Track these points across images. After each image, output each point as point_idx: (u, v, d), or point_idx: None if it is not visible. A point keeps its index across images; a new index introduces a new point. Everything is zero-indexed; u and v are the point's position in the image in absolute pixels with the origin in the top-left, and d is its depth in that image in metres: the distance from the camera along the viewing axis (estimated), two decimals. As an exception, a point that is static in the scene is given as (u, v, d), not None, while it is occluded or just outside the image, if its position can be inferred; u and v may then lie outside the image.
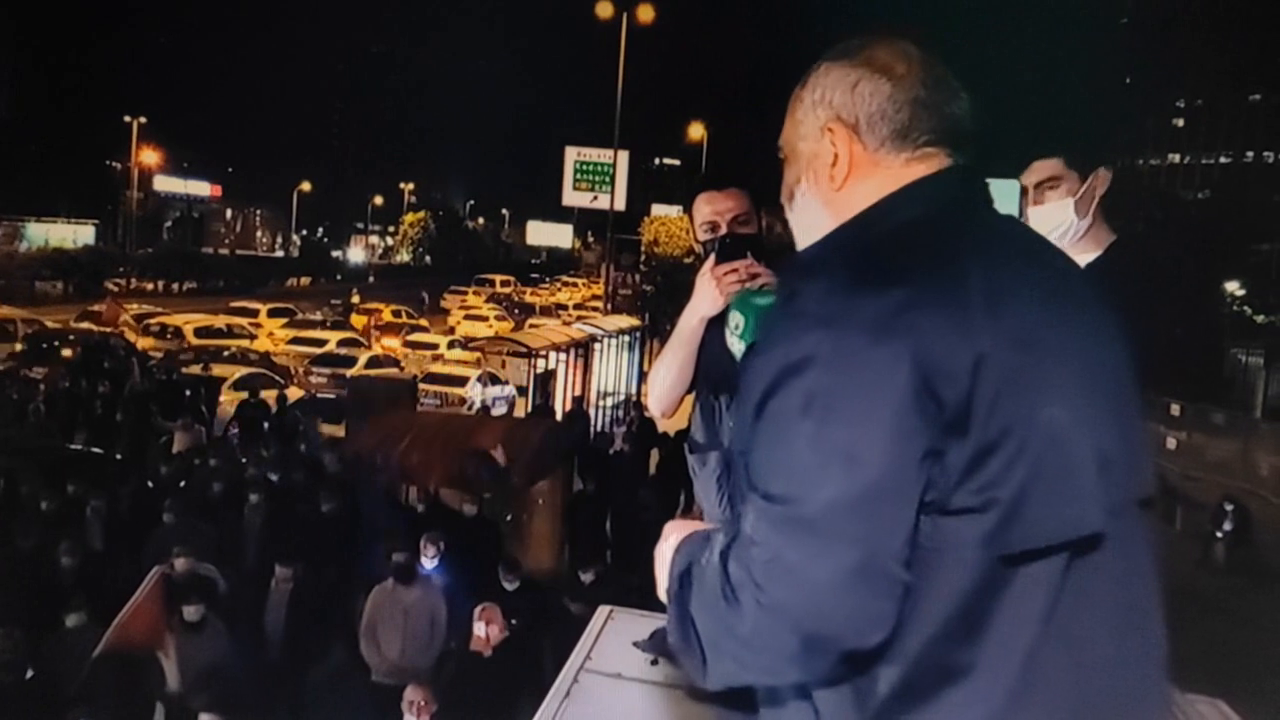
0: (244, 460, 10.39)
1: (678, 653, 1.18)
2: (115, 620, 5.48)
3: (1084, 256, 2.34)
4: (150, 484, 9.68)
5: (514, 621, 6.02)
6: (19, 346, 21.00)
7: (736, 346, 1.36)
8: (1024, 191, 2.44)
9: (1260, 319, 36.43)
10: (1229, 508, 13.11)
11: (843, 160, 1.23)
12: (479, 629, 5.74)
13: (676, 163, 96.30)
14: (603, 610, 2.77)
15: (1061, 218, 2.35)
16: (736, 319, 1.36)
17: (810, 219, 1.28)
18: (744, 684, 1.19)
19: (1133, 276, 2.25)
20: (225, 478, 9.24)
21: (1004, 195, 2.24)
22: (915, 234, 1.15)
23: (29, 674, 5.53)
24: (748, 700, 1.28)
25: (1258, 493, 17.23)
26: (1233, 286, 36.02)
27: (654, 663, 2.46)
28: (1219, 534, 12.94)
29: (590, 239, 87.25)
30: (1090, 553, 1.07)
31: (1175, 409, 19.21)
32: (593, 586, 6.72)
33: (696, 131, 42.19)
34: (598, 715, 2.22)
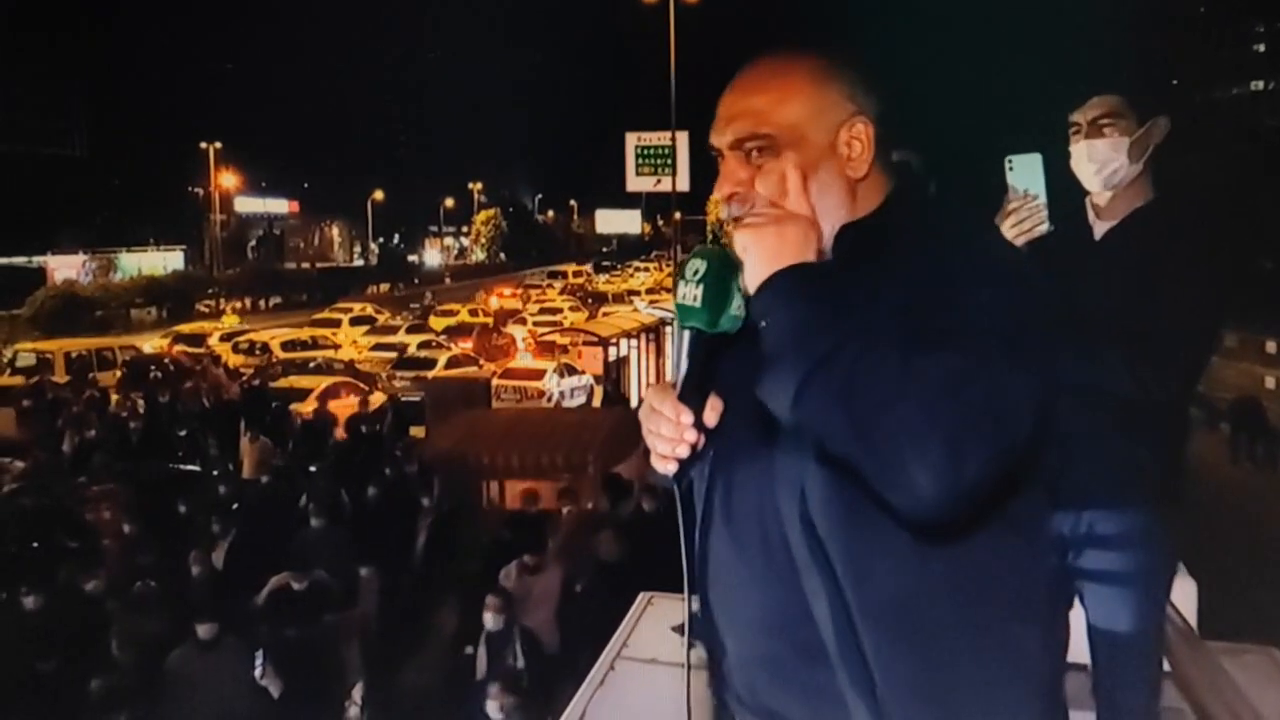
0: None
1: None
2: None
3: (1123, 203, 2.34)
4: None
5: None
6: (119, 373, 21.93)
7: (692, 292, 1.27)
8: (1075, 127, 2.37)
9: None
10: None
11: (869, 151, 1.37)
12: (487, 619, 5.87)
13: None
14: (643, 596, 2.83)
15: (1113, 156, 2.32)
16: (697, 265, 1.30)
17: (831, 202, 1.36)
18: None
19: (1189, 232, 2.24)
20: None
21: (1029, 168, 2.26)
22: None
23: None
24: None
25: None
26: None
27: (692, 646, 2.51)
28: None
29: (661, 222, 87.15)
30: None
31: (1271, 346, 18.46)
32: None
33: (758, 104, 41.54)
34: (630, 701, 2.27)
